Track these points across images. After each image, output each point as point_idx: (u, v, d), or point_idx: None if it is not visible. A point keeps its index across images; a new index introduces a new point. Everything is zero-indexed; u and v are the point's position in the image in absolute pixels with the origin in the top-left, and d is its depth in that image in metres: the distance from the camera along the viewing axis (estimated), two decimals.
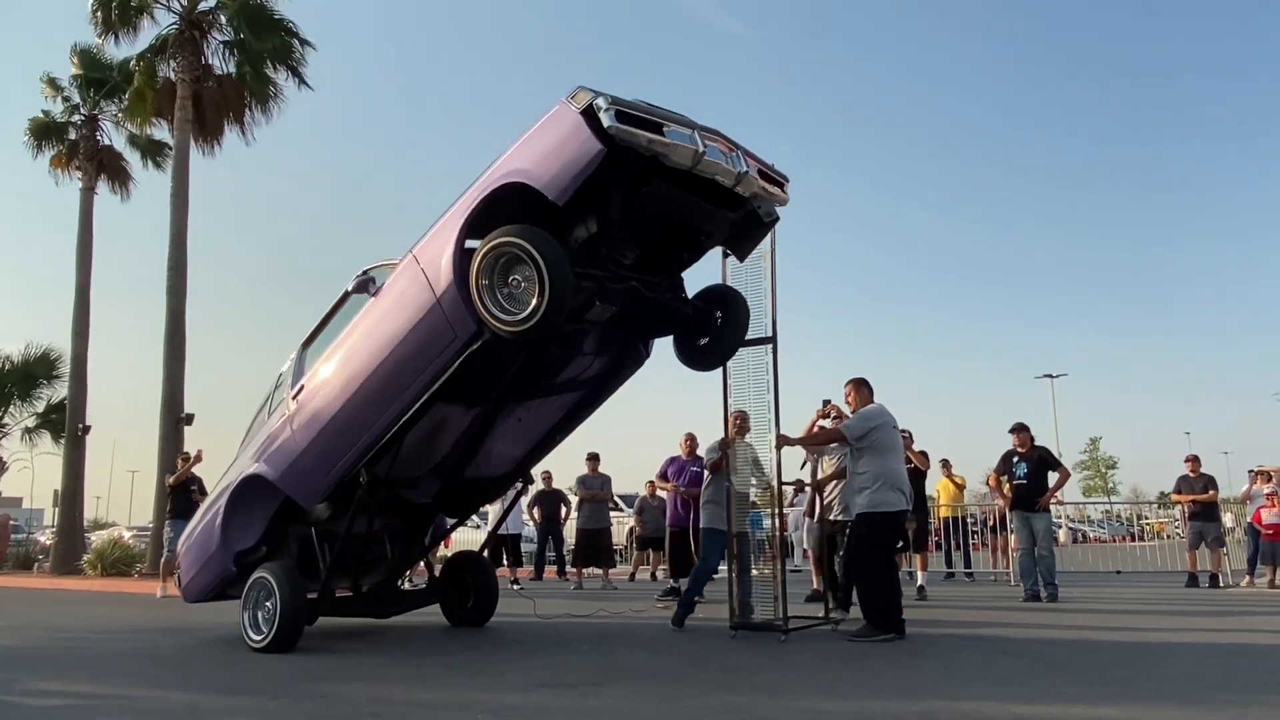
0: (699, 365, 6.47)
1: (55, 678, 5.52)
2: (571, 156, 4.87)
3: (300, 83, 18.17)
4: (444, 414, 6.17)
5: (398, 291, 5.80)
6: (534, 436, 6.93)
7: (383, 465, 6.02)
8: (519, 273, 4.96)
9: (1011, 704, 4.11)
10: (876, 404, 6.74)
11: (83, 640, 7.42)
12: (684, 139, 5.00)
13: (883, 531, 6.47)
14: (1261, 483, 12.11)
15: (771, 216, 5.96)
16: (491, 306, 5.03)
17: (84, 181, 19.91)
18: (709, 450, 7.49)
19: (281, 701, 4.53)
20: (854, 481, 6.63)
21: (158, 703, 4.67)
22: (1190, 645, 6.16)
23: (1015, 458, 9.76)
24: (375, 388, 5.76)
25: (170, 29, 17.65)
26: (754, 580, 7.14)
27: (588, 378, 6.61)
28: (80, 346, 19.07)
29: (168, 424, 16.09)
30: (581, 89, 4.97)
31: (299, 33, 17.92)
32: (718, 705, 4.25)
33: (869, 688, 4.69)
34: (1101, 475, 56.91)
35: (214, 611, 8.18)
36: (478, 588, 7.47)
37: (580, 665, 5.60)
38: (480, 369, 5.61)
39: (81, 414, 18.68)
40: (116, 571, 15.21)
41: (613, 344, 6.45)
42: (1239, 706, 4.00)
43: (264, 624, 6.02)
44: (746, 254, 6.24)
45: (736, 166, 5.29)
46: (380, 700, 4.51)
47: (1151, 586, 11.49)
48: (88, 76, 19.61)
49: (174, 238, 16.87)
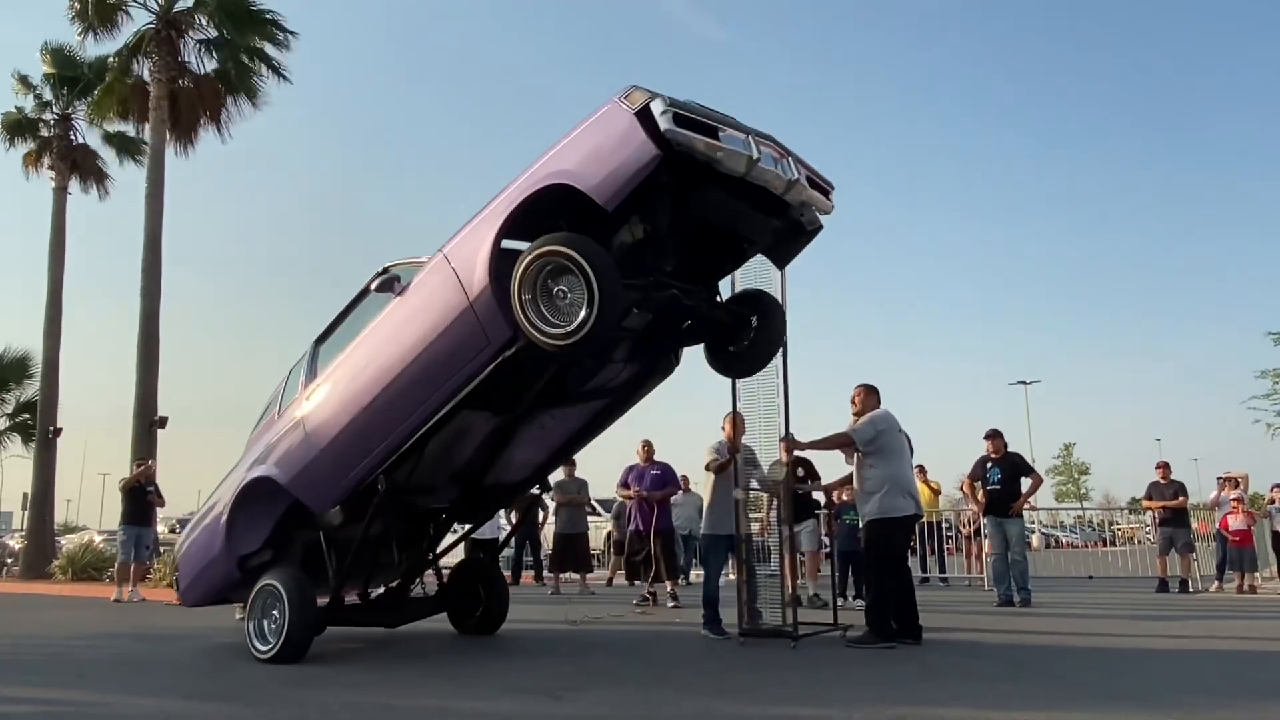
0: (731, 372, 6.36)
1: (26, 684, 5.44)
2: (624, 161, 4.64)
3: (280, 77, 18.01)
4: (469, 421, 5.90)
5: (426, 292, 5.53)
6: (556, 443, 6.77)
7: (403, 472, 5.76)
8: (564, 283, 4.71)
9: (984, 709, 4.16)
10: (883, 409, 6.71)
11: (54, 646, 7.33)
12: (739, 145, 4.80)
13: (893, 537, 6.45)
14: (1229, 490, 12.29)
15: (815, 225, 5.73)
16: (535, 319, 4.78)
17: (56, 181, 19.63)
18: (713, 451, 7.28)
19: (255, 708, 4.50)
20: (862, 486, 6.58)
21: (130, 709, 4.61)
22: (1159, 650, 6.23)
23: (989, 464, 9.85)
24: (399, 392, 5.49)
25: (147, 28, 17.49)
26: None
27: (616, 385, 6.43)
28: (52, 347, 18.79)
29: (140, 427, 15.89)
30: (636, 89, 4.75)
31: (283, 23, 17.70)
32: (694, 710, 4.27)
33: (846, 692, 4.72)
34: (1074, 481, 57.45)
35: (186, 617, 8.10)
36: (488, 596, 7.21)
37: (558, 671, 5.59)
38: (511, 376, 5.38)
39: (53, 416, 18.41)
40: (87, 576, 14.98)
41: (645, 352, 6.28)
42: (1204, 710, 4.06)
43: (270, 634, 5.73)
44: (787, 262, 6.04)
45: (787, 174, 5.12)
46: (354, 706, 4.50)
47: (1123, 591, 11.62)
48: (61, 75, 19.33)
49: (148, 238, 16.68)
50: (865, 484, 6.52)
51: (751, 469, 7.11)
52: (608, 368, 6.21)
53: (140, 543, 12.04)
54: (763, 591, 6.89)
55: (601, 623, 8.22)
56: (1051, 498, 52.78)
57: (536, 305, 4.80)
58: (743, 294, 6.21)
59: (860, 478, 6.60)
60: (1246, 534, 11.78)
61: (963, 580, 13.29)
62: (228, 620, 8.22)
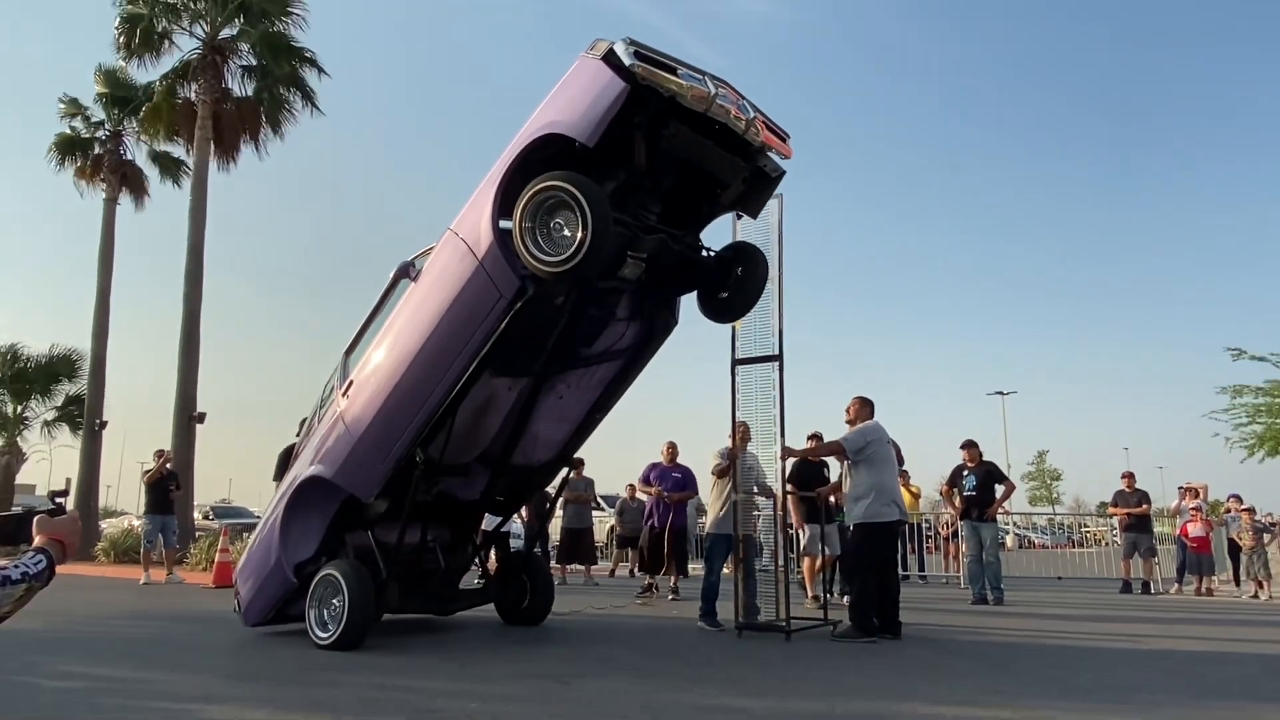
0: (722, 317, 6.37)
1: (75, 661, 5.53)
2: (597, 97, 4.80)
3: (313, 108, 18.17)
4: (491, 390, 5.97)
5: (440, 265, 5.64)
6: (576, 416, 6.71)
7: (436, 445, 5.77)
8: (560, 217, 4.82)
9: (954, 704, 4.22)
10: (873, 420, 6.75)
11: (99, 625, 7.39)
12: (697, 81, 4.96)
13: (878, 541, 6.50)
14: (1189, 499, 12.32)
15: (777, 171, 5.81)
16: (535, 249, 4.86)
17: (107, 193, 19.78)
18: (717, 459, 7.28)
19: (288, 688, 4.58)
20: (851, 492, 6.61)
21: (173, 687, 4.69)
22: (1121, 649, 6.27)
23: (965, 471, 9.92)
24: (427, 361, 5.56)
25: (193, 54, 17.65)
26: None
27: (622, 348, 6.46)
28: (100, 347, 18.95)
29: (181, 421, 16.00)
30: (599, 40, 4.95)
31: (316, 60, 17.94)
32: (690, 698, 4.32)
33: (829, 683, 4.78)
34: (1047, 486, 57.29)
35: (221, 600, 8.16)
36: (533, 587, 7.15)
37: (565, 657, 5.65)
38: (525, 334, 5.48)
39: (99, 410, 18.56)
40: (128, 558, 15.07)
41: (644, 309, 6.34)
42: (1162, 706, 4.12)
43: (330, 621, 5.73)
44: (758, 211, 6.14)
45: (745, 113, 5.24)
46: (380, 687, 4.57)
47: (1089, 592, 11.63)
48: (113, 95, 19.48)
49: (191, 248, 16.82)
50: (853, 490, 6.56)
51: (752, 474, 7.08)
52: (611, 328, 6.25)
53: (166, 529, 12.13)
54: (759, 588, 6.89)
55: (605, 613, 8.27)
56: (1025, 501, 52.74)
57: (535, 235, 4.88)
58: (729, 245, 6.32)
59: (849, 484, 6.64)
60: (1205, 540, 11.81)
61: (940, 579, 13.30)
62: None
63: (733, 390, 6.76)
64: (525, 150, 5.18)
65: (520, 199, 4.93)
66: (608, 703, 4.21)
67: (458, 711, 3.97)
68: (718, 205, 6.02)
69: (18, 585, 1.61)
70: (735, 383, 6.74)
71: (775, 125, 5.66)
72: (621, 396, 6.74)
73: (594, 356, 6.37)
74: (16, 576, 1.62)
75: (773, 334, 6.60)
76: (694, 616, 7.02)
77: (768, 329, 6.60)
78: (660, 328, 6.47)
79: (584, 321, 5.97)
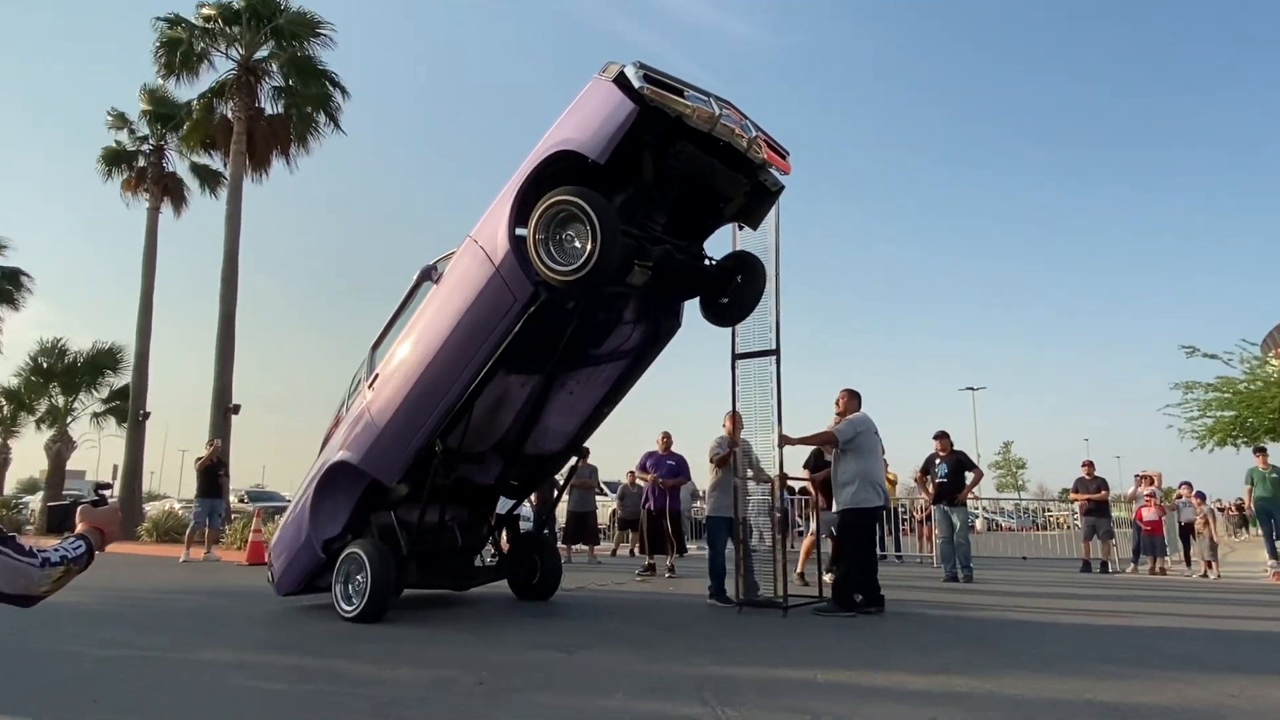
0: (723, 321, 6.33)
1: (119, 633, 5.51)
2: (608, 117, 4.78)
3: (335, 126, 18.14)
4: (506, 386, 5.97)
5: (460, 270, 5.62)
6: (584, 410, 6.68)
7: (454, 436, 5.80)
8: (572, 229, 4.81)
9: (929, 672, 4.20)
10: (862, 412, 6.69)
11: (142, 600, 7.39)
12: (702, 102, 4.94)
13: (862, 524, 6.45)
14: (1144, 486, 12.33)
15: (777, 185, 5.78)
16: (547, 259, 4.85)
17: (150, 202, 19.80)
18: (716, 447, 7.24)
19: (317, 658, 4.56)
20: (838, 479, 6.54)
21: (210, 657, 4.68)
22: (1081, 624, 6.26)
23: (937, 460, 9.91)
24: (447, 359, 5.55)
25: (229, 74, 17.61)
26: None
27: (629, 348, 6.42)
28: (143, 345, 18.97)
29: (218, 412, 15.99)
30: (610, 63, 4.91)
31: (340, 82, 17.91)
32: (683, 665, 4.30)
33: (814, 654, 4.76)
34: (1012, 474, 57.36)
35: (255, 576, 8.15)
36: (543, 565, 7.17)
37: (570, 630, 5.63)
38: (537, 335, 5.47)
39: (142, 401, 18.57)
40: (169, 538, 15.07)
41: (649, 313, 6.27)
42: (1117, 676, 4.10)
43: (355, 596, 5.75)
44: (758, 222, 6.07)
45: (748, 132, 5.22)
46: (398, 656, 4.55)
47: (1052, 571, 11.61)
48: (156, 112, 19.49)
49: (227, 254, 16.80)
50: (840, 476, 6.50)
51: (748, 460, 7.02)
52: (619, 330, 6.21)
53: (214, 512, 12.22)
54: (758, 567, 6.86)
55: (607, 589, 8.25)
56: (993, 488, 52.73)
57: (548, 246, 4.86)
58: (730, 254, 6.25)
59: (837, 470, 6.58)
60: (1158, 524, 11.80)
61: (915, 559, 13.29)
62: None
63: (733, 383, 6.70)
64: (540, 165, 5.15)
65: (534, 212, 4.92)
66: (609, 671, 4.20)
67: (471, 679, 3.95)
68: (720, 217, 5.99)
69: (56, 567, 1.61)
70: (735, 376, 6.67)
71: (776, 143, 5.62)
72: (627, 392, 6.71)
73: (602, 356, 6.35)
74: (55, 559, 1.62)
75: (770, 330, 6.50)
76: (691, 593, 7.03)
77: (766, 325, 6.52)
78: (665, 330, 6.44)
79: (593, 324, 5.96)
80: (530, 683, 3.92)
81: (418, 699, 3.63)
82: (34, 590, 1.58)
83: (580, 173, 4.93)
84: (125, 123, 20.00)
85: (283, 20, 17.27)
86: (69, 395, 22.71)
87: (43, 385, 22.68)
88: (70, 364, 22.54)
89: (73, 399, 22.73)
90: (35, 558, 1.57)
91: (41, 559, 1.58)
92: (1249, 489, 11.46)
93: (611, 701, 3.55)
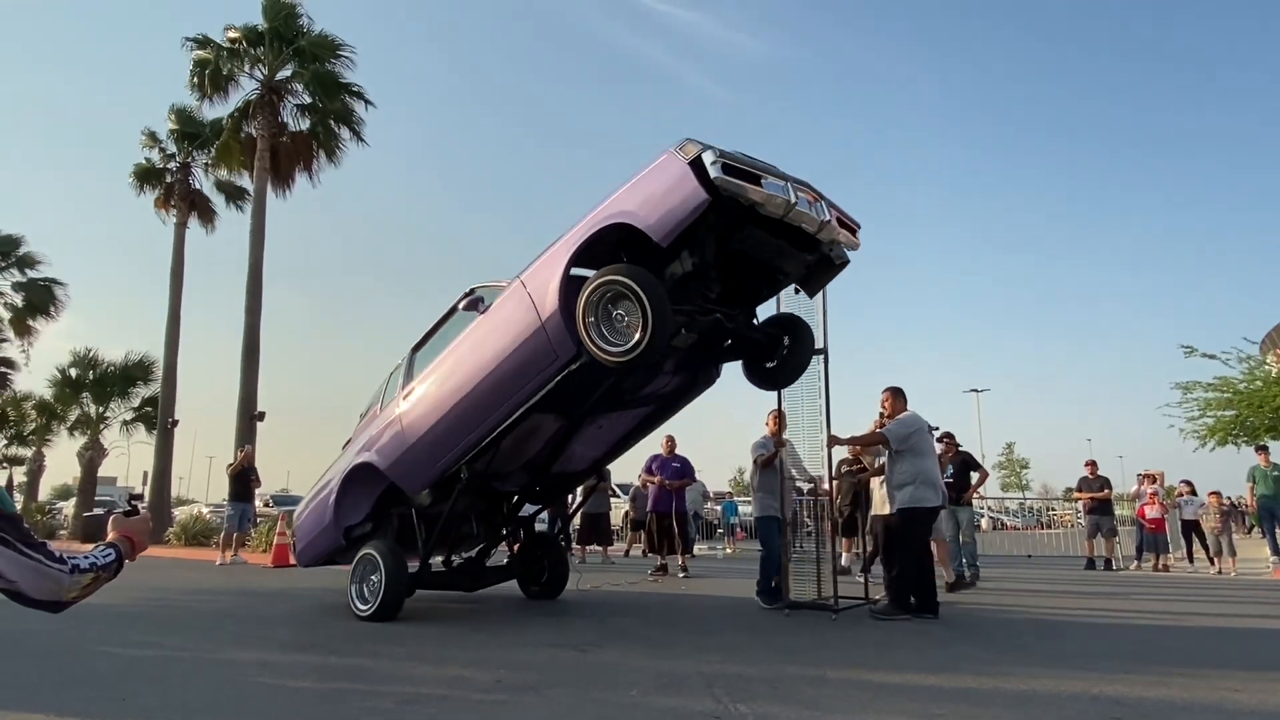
0: (767, 385, 6.13)
1: (148, 633, 5.53)
2: (677, 203, 4.54)
3: (359, 139, 18.23)
4: (538, 422, 5.88)
5: (506, 313, 5.46)
6: (611, 440, 6.65)
7: (482, 462, 5.76)
8: (622, 308, 4.64)
9: (935, 670, 4.16)
10: (911, 411, 6.42)
11: (171, 601, 7.41)
12: (779, 190, 4.67)
13: (919, 525, 6.16)
14: (1146, 484, 12.22)
15: (842, 259, 5.53)
16: (597, 339, 4.72)
17: (178, 218, 19.95)
18: (758, 446, 6.96)
19: (337, 657, 4.56)
20: (893, 479, 6.27)
21: (234, 656, 4.69)
22: (1085, 621, 6.19)
23: (943, 460, 9.82)
24: (481, 396, 5.47)
25: (253, 94, 17.76)
26: None
27: (664, 393, 6.29)
28: (171, 356, 19.10)
29: (243, 420, 16.07)
30: (689, 141, 4.63)
31: (364, 94, 17.98)
32: (693, 663, 4.28)
33: (822, 652, 4.72)
34: (1016, 474, 56.96)
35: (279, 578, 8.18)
36: (551, 566, 7.19)
37: (585, 629, 5.61)
38: (575, 385, 5.32)
39: (171, 410, 18.69)
40: (197, 542, 15.16)
41: (690, 366, 6.13)
42: (1121, 674, 4.04)
43: (369, 595, 5.79)
44: (816, 291, 5.86)
45: (820, 215, 4.95)
46: (418, 656, 4.54)
47: (1056, 569, 11.50)
48: (183, 131, 19.67)
49: (252, 267, 16.89)
50: (896, 477, 6.23)
51: (794, 460, 6.80)
52: (657, 378, 6.08)
53: (244, 516, 12.34)
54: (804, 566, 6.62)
55: (620, 589, 8.22)
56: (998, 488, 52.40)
57: (599, 328, 4.73)
58: (777, 318, 6.02)
59: (891, 471, 6.32)
60: (1160, 522, 11.70)
61: None
62: (313, 581, 8.31)
63: None
64: (600, 232, 4.94)
65: (585, 289, 4.76)
66: (623, 669, 4.18)
67: (488, 678, 3.95)
68: (777, 288, 5.79)
69: (85, 574, 1.60)
70: None
71: (848, 219, 5.36)
72: (655, 430, 6.65)
73: (637, 400, 6.23)
74: (85, 566, 1.61)
75: (818, 328, 6.20)
76: (702, 593, 6.99)
77: (813, 324, 6.16)
78: (702, 380, 6.31)
79: (632, 376, 5.76)
80: (547, 680, 3.91)
81: (438, 697, 3.63)
82: (63, 596, 1.57)
83: (639, 243, 4.74)
84: (156, 141, 20.21)
85: (304, 42, 17.40)
86: (100, 405, 22.90)
87: (73, 395, 22.88)
88: (102, 374, 22.73)
89: (104, 409, 22.91)
90: (65, 564, 1.57)
91: (71, 565, 1.58)
92: (1251, 486, 11.32)
93: (625, 698, 3.53)
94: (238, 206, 20.08)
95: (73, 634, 5.07)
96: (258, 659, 4.54)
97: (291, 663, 4.47)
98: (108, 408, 22.95)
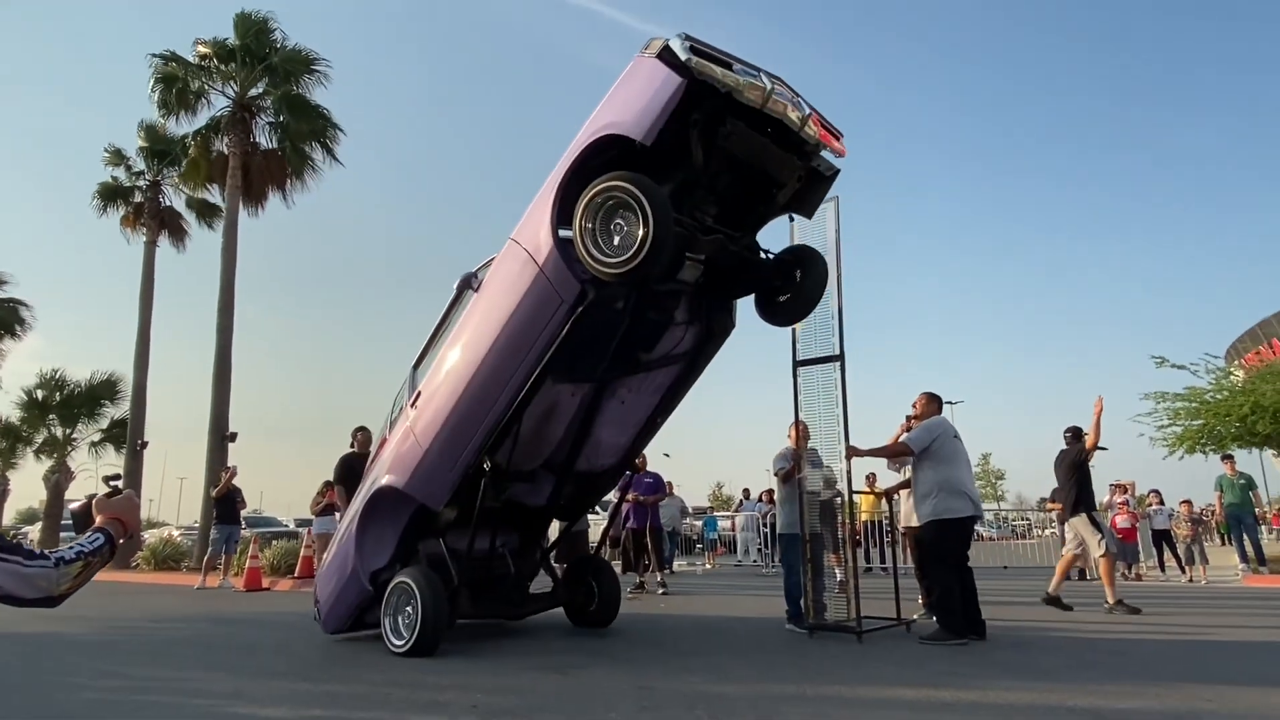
0: (781, 320, 5.68)
1: (115, 663, 5.40)
2: (654, 94, 4.28)
3: (332, 159, 18.14)
4: (555, 396, 5.55)
5: (502, 274, 5.19)
6: (638, 420, 6.17)
7: (503, 452, 5.37)
8: (621, 217, 4.34)
9: (914, 685, 4.18)
10: (938, 416, 6.16)
11: (139, 629, 7.25)
12: (753, 76, 4.42)
13: (950, 537, 5.82)
14: (1118, 494, 12.39)
15: (832, 170, 5.22)
16: (596, 251, 4.39)
17: (147, 236, 19.68)
18: (780, 460, 6.60)
19: (315, 684, 4.48)
20: (917, 490, 5.96)
21: (206, 684, 4.59)
22: (1060, 633, 6.24)
23: None
24: (492, 369, 5.13)
25: (224, 111, 17.62)
26: None
27: (681, 352, 5.90)
28: (140, 376, 18.75)
29: (215, 440, 15.81)
30: (654, 38, 4.45)
31: (331, 118, 17.91)
32: (678, 682, 4.26)
33: (802, 669, 4.72)
34: (992, 485, 57.46)
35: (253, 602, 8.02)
36: (601, 590, 6.65)
37: (565, 650, 5.56)
38: (586, 339, 5.06)
39: (140, 431, 18.35)
40: (167, 566, 14.86)
41: (702, 313, 5.77)
42: (1097, 685, 4.09)
43: (405, 629, 5.32)
44: (812, 211, 5.46)
45: (800, 109, 4.69)
46: (393, 681, 4.48)
47: (1032, 579, 11.58)
48: (152, 148, 19.45)
49: (224, 285, 16.68)
50: (919, 488, 5.93)
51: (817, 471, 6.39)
52: (671, 332, 5.73)
53: (230, 539, 12.12)
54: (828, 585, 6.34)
55: None
56: None
57: (595, 237, 4.42)
58: (787, 249, 5.71)
59: (916, 482, 6.02)
60: (1131, 531, 11.87)
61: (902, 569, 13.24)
62: (289, 606, 8.17)
63: (795, 391, 6.14)
64: (583, 155, 4.67)
65: (580, 200, 4.46)
66: (604, 691, 4.14)
67: (466, 702, 3.90)
68: (773, 205, 5.45)
69: (73, 564, 1.55)
70: (797, 384, 6.12)
71: (829, 123, 5.07)
72: (681, 399, 6.17)
73: (654, 361, 5.86)
74: (70, 556, 1.56)
75: (833, 334, 5.96)
76: (681, 611, 6.96)
77: (828, 329, 5.98)
78: (719, 330, 5.89)
79: (644, 325, 5.47)
80: (527, 704, 3.87)
81: None
82: (54, 590, 1.52)
83: (625, 160, 4.48)
84: (122, 159, 19.97)
85: (276, 59, 17.31)
86: (67, 427, 22.44)
87: (40, 417, 22.41)
88: (68, 395, 22.30)
89: (71, 430, 22.46)
90: (48, 559, 1.52)
91: (55, 559, 1.53)
92: (1219, 495, 11.53)
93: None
94: (209, 225, 19.87)
95: (41, 666, 4.95)
96: (231, 688, 4.45)
97: (267, 690, 4.39)
98: (75, 429, 22.51)
